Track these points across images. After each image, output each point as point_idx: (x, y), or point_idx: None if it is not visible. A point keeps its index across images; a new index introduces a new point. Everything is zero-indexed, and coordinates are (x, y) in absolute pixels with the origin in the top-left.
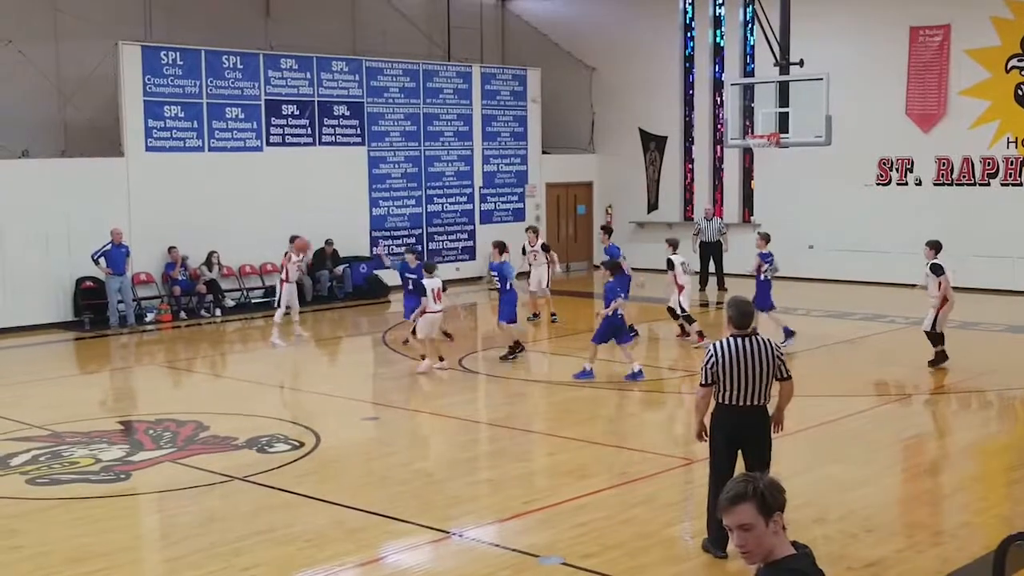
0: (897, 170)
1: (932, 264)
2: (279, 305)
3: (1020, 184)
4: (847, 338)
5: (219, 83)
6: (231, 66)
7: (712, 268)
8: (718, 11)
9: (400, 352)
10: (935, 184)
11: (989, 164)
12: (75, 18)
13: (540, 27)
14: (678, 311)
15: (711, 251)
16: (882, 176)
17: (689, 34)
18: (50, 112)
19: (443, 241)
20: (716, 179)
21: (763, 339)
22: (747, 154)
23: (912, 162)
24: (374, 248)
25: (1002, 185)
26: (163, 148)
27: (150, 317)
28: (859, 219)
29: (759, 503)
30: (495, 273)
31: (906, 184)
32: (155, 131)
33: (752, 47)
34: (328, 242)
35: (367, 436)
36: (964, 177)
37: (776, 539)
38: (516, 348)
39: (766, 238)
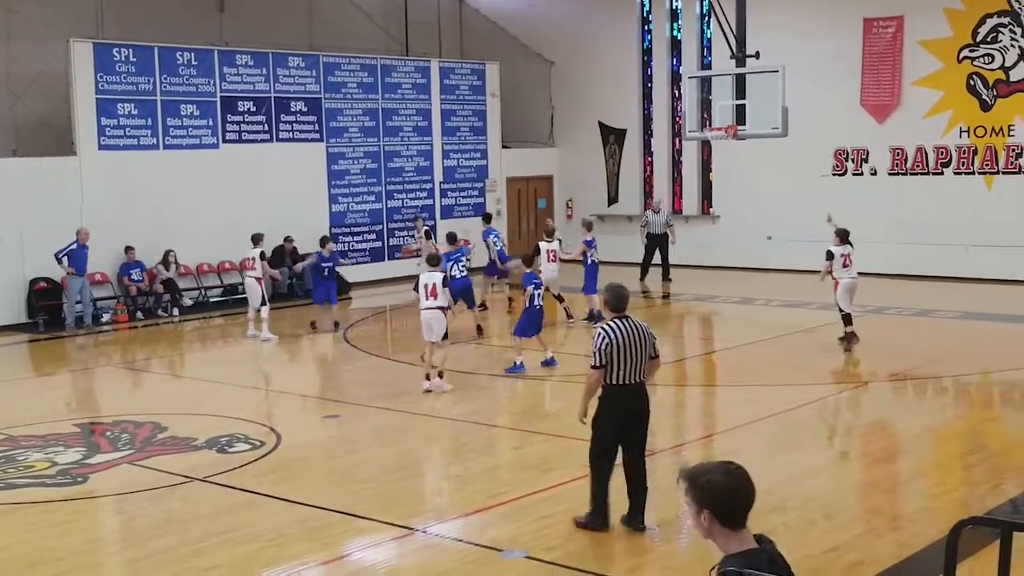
0: (853, 160)
1: (827, 251)
2: (266, 303)
3: (972, 173)
4: (805, 327)
5: (173, 80)
6: (185, 63)
7: (658, 259)
8: (675, 5)
9: (362, 349)
10: (890, 174)
11: (942, 153)
12: (26, 16)
13: (498, 21)
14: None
15: (657, 243)
16: (838, 166)
17: (647, 27)
18: (1, 111)
19: (403, 237)
20: (675, 171)
21: (637, 321)
22: (705, 146)
23: (867, 152)
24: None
25: (955, 174)
26: (117, 146)
27: (106, 318)
28: (816, 209)
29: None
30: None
31: (861, 174)
32: (108, 129)
33: (709, 40)
34: (287, 239)
35: (329, 434)
36: (918, 166)
37: (720, 537)
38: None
39: (589, 226)
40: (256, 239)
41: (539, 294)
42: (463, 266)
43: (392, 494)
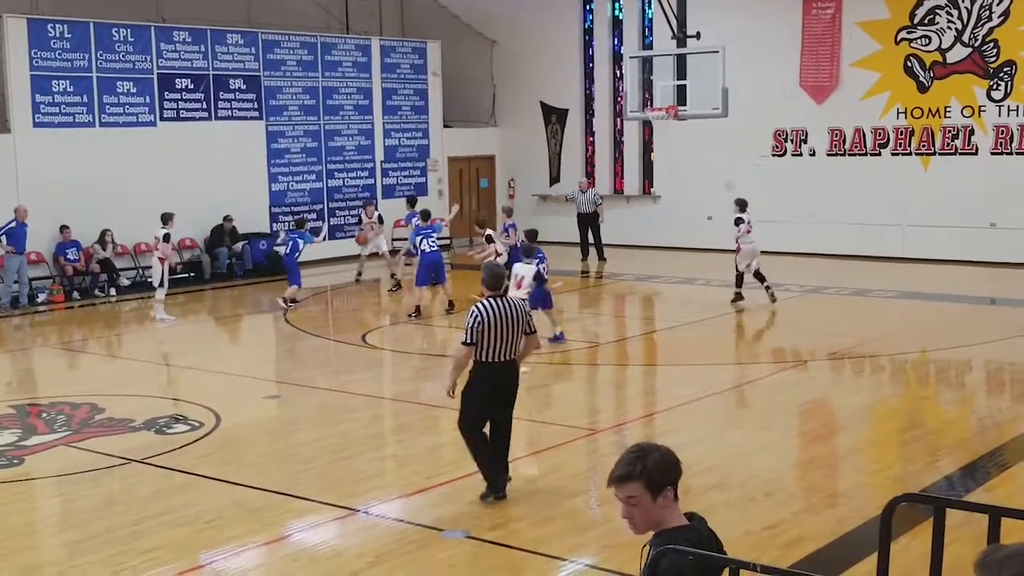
0: (792, 141)
1: (736, 218)
2: (163, 284)
3: (910, 154)
4: (745, 307)
5: (109, 56)
6: (121, 39)
7: (591, 239)
8: None
9: (303, 329)
10: (828, 155)
11: (880, 134)
12: None
13: (439, 0)
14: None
15: (587, 222)
16: (777, 147)
17: (588, 7)
18: None
19: (344, 216)
20: (617, 151)
21: (513, 299)
22: (647, 126)
23: (806, 133)
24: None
25: (892, 155)
26: (51, 124)
27: (42, 298)
28: (756, 189)
29: (646, 481)
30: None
31: (800, 155)
32: (43, 106)
33: (650, 20)
34: (227, 218)
35: (269, 415)
36: (856, 147)
37: (666, 512)
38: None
39: (509, 212)
40: (164, 218)
41: (544, 268)
42: (433, 241)
43: (333, 475)
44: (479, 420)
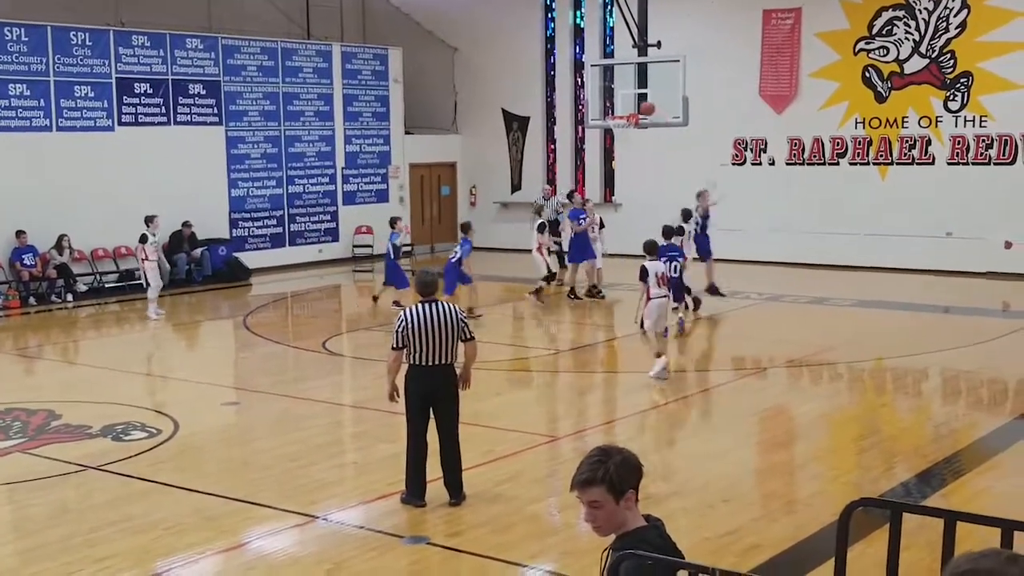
0: (752, 150)
1: (677, 226)
2: (151, 284)
3: (868, 163)
4: (704, 314)
5: (67, 60)
6: (80, 43)
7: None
8: None
9: (262, 336)
10: (788, 164)
11: (839, 144)
12: None
13: (401, 6)
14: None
15: (550, 230)
16: (737, 156)
17: (550, 15)
18: None
19: (305, 223)
20: (578, 159)
21: (447, 304)
22: (608, 135)
23: (766, 142)
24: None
25: (851, 164)
26: (8, 128)
27: None
28: (715, 198)
29: (609, 485)
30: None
31: (760, 164)
32: (0, 110)
33: (612, 28)
34: (186, 224)
35: (227, 422)
36: (815, 157)
37: (628, 514)
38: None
39: (392, 222)
40: (146, 221)
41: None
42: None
43: (292, 482)
44: (414, 423)
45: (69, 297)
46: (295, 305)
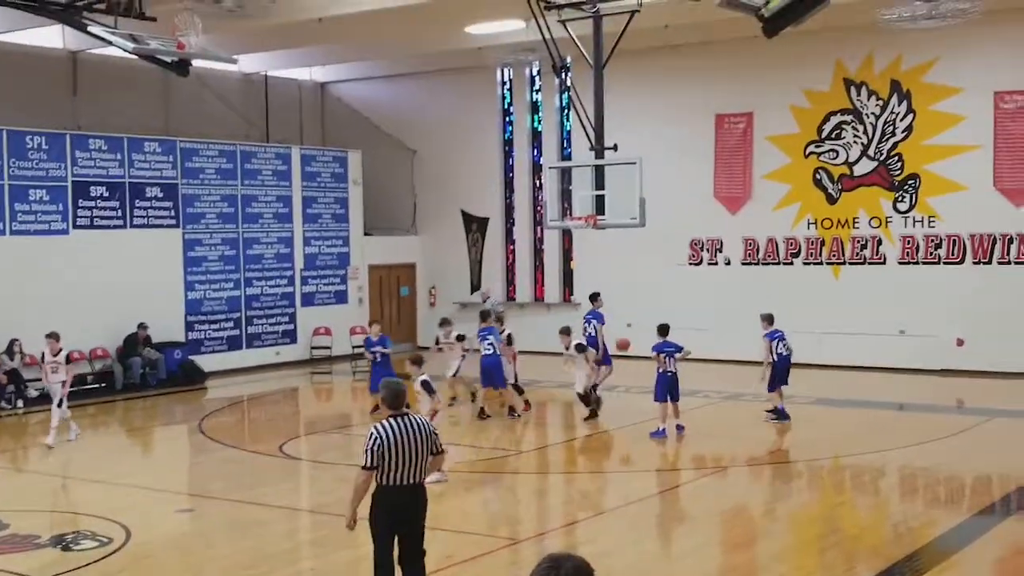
0: (708, 250)
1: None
2: (61, 405)
3: (821, 263)
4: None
5: (22, 164)
6: (35, 146)
7: None
8: (535, 97)
9: (218, 440)
10: (743, 264)
11: (792, 244)
12: None
13: (360, 109)
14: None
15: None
16: (693, 256)
17: (508, 119)
18: None
19: (263, 324)
20: (537, 259)
21: (417, 417)
22: (567, 235)
23: (721, 242)
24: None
25: (804, 264)
26: None
27: None
28: (674, 297)
29: None
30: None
31: (716, 264)
32: None
33: (569, 132)
34: (141, 326)
35: (181, 529)
36: (769, 257)
37: None
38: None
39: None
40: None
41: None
42: (489, 344)
43: None
44: (383, 553)
45: (19, 403)
46: (252, 408)
